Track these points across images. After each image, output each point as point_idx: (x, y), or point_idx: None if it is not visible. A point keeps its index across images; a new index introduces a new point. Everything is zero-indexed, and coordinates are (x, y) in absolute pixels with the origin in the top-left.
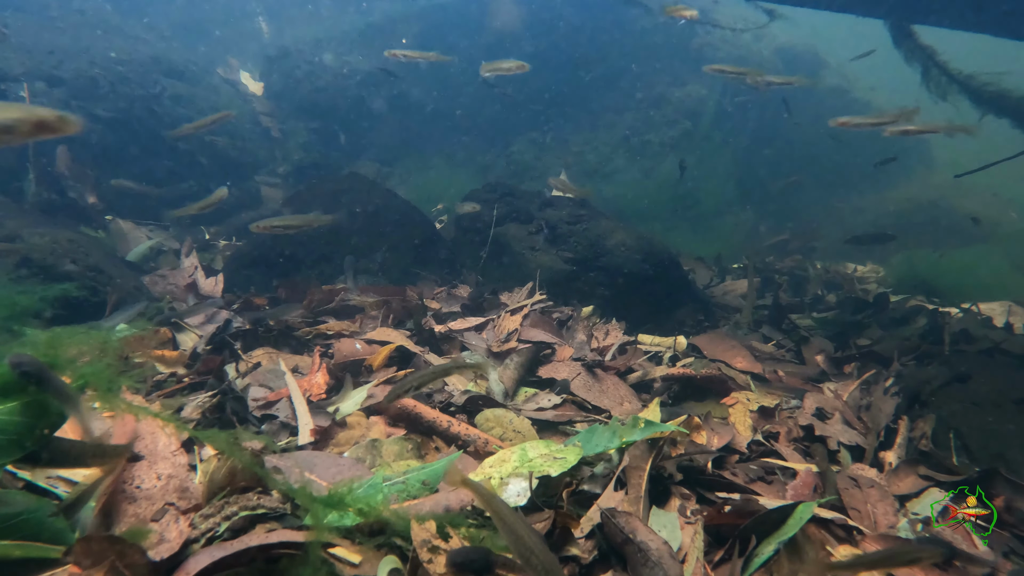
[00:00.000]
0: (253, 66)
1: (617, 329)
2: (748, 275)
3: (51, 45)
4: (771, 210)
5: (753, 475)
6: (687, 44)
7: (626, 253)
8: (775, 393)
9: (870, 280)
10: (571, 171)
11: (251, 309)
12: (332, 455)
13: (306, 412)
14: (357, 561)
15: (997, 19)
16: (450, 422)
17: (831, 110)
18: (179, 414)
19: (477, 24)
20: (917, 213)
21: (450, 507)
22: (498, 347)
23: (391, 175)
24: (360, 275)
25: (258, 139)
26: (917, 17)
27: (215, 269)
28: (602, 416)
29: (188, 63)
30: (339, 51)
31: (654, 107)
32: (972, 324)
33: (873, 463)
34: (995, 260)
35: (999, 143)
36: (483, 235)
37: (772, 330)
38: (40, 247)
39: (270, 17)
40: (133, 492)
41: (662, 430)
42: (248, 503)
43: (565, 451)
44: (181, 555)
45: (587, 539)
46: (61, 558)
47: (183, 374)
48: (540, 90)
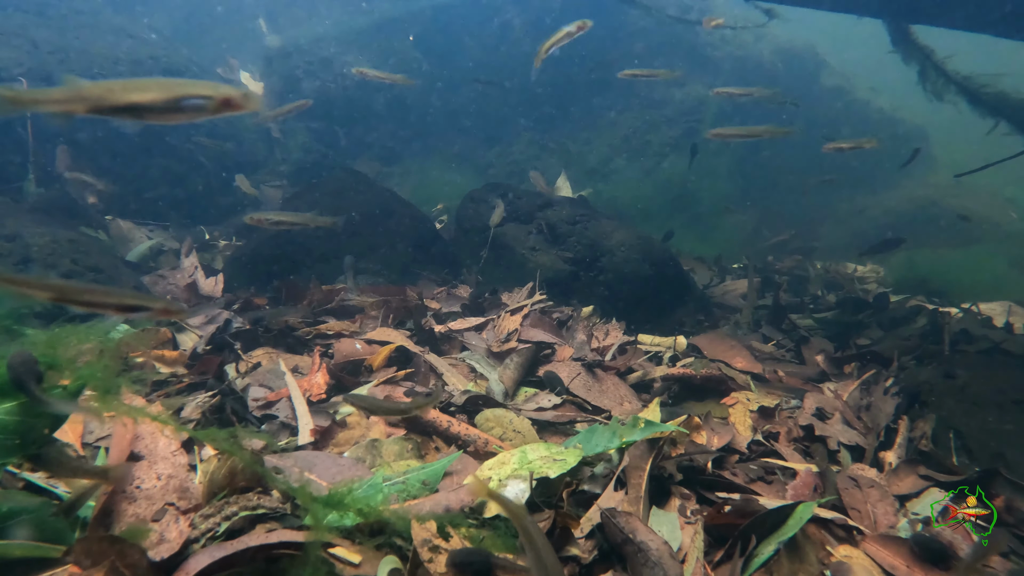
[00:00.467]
0: (253, 66)
1: (617, 329)
2: (748, 275)
3: (51, 45)
4: (771, 210)
5: (753, 475)
6: (688, 44)
7: (626, 253)
8: (775, 393)
9: (870, 280)
10: (571, 171)
11: (251, 309)
12: (332, 455)
13: (306, 412)
14: (357, 561)
15: (997, 19)
16: (450, 422)
17: (831, 110)
18: (179, 414)
19: (477, 24)
20: (917, 213)
21: (450, 507)
22: (498, 347)
23: (391, 175)
24: (360, 275)
25: (258, 139)
26: (918, 17)
27: (215, 269)
28: (602, 416)
29: (188, 63)
30: (339, 51)
31: (654, 107)
32: (972, 324)
33: (873, 463)
34: (995, 260)
35: (999, 143)
36: (483, 235)
37: (772, 330)
38: (40, 247)
39: (270, 17)
40: (133, 492)
41: (662, 430)
42: (248, 503)
43: (565, 453)
44: (181, 555)
45: (587, 539)
46: (61, 558)
47: (183, 374)
48: (540, 90)
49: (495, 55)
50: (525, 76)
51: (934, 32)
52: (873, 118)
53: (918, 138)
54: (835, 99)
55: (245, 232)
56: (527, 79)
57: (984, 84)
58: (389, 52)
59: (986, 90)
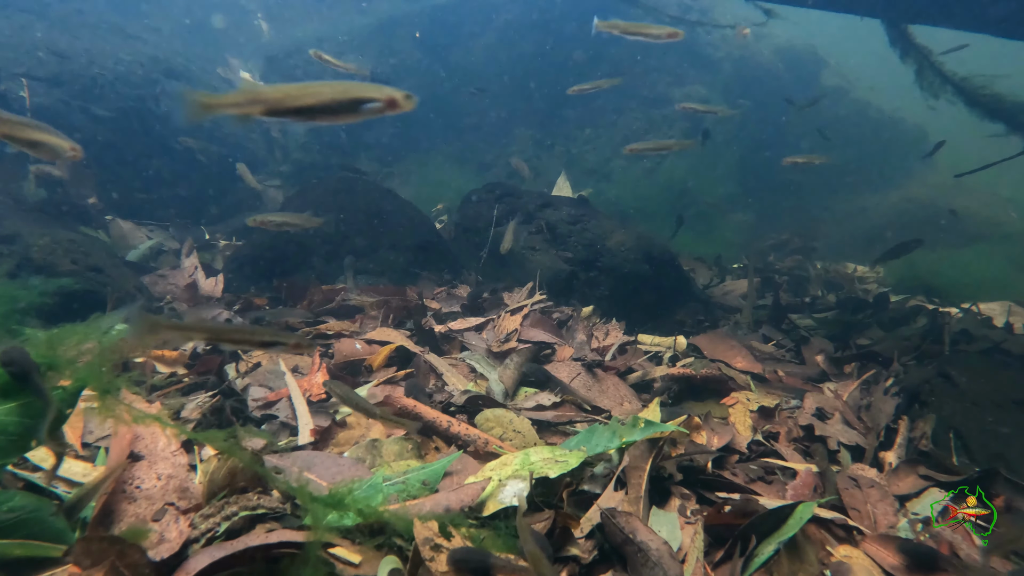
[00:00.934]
0: (253, 66)
1: (617, 329)
2: (748, 275)
3: (51, 45)
4: (772, 210)
5: (753, 475)
6: (688, 44)
7: (626, 253)
8: (775, 393)
9: (870, 280)
10: (571, 171)
11: (251, 309)
12: (332, 455)
13: (306, 412)
14: (357, 561)
15: (997, 20)
16: (450, 422)
17: (831, 110)
18: (179, 414)
19: (478, 24)
20: (917, 213)
21: (450, 507)
22: (498, 347)
23: (391, 175)
24: (360, 275)
25: (258, 139)
26: (918, 17)
27: (215, 269)
28: (602, 416)
29: (188, 63)
30: (339, 51)
31: (654, 107)
32: (972, 324)
33: (873, 463)
34: (995, 260)
35: (999, 144)
36: (483, 235)
37: (772, 330)
38: (40, 247)
39: (270, 17)
40: (133, 492)
41: (662, 430)
42: (248, 503)
43: (568, 456)
44: (181, 555)
45: (587, 539)
46: (61, 558)
47: (183, 374)
48: (541, 89)
49: (495, 55)
50: (526, 76)
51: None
52: (873, 118)
53: (918, 138)
54: (835, 99)
55: (245, 232)
56: (527, 79)
57: (982, 85)
58: (389, 52)
59: (983, 91)
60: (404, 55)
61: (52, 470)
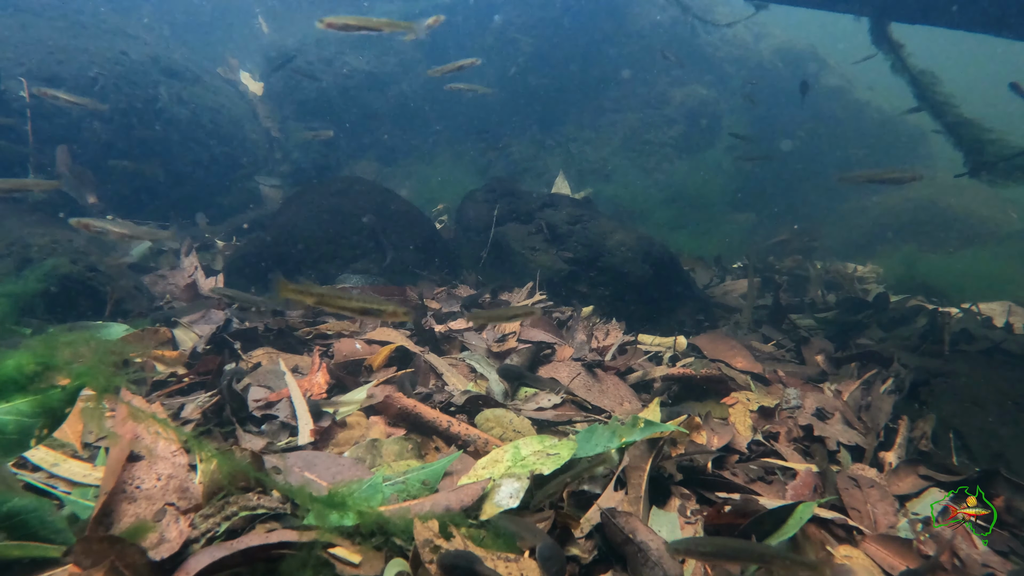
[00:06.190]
0: (253, 66)
1: (617, 329)
2: (748, 275)
3: (51, 45)
4: (772, 210)
5: (753, 475)
6: (688, 44)
7: (626, 253)
8: (775, 393)
9: (870, 280)
10: (571, 171)
11: (249, 309)
12: (332, 455)
13: (306, 412)
14: (357, 561)
15: (993, 19)
16: (450, 422)
17: (831, 110)
18: (179, 414)
19: (477, 24)
20: (917, 212)
21: (450, 507)
22: (498, 347)
23: (391, 175)
24: (360, 275)
25: (258, 139)
26: (916, 17)
27: (215, 269)
28: (602, 416)
29: (188, 63)
30: (339, 51)
31: (655, 107)
32: (972, 324)
33: (873, 463)
34: (995, 260)
35: None
36: (483, 235)
37: (772, 330)
38: (40, 247)
39: (270, 17)
40: (133, 492)
41: (662, 430)
42: (248, 503)
43: (558, 447)
44: (181, 555)
45: (587, 539)
46: (61, 558)
47: (183, 374)
48: (541, 90)
49: (496, 55)
50: (526, 75)
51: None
52: (873, 118)
53: (918, 138)
54: (835, 99)
55: (245, 232)
56: (527, 78)
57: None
58: (389, 52)
59: (933, 89)
60: (404, 55)
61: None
